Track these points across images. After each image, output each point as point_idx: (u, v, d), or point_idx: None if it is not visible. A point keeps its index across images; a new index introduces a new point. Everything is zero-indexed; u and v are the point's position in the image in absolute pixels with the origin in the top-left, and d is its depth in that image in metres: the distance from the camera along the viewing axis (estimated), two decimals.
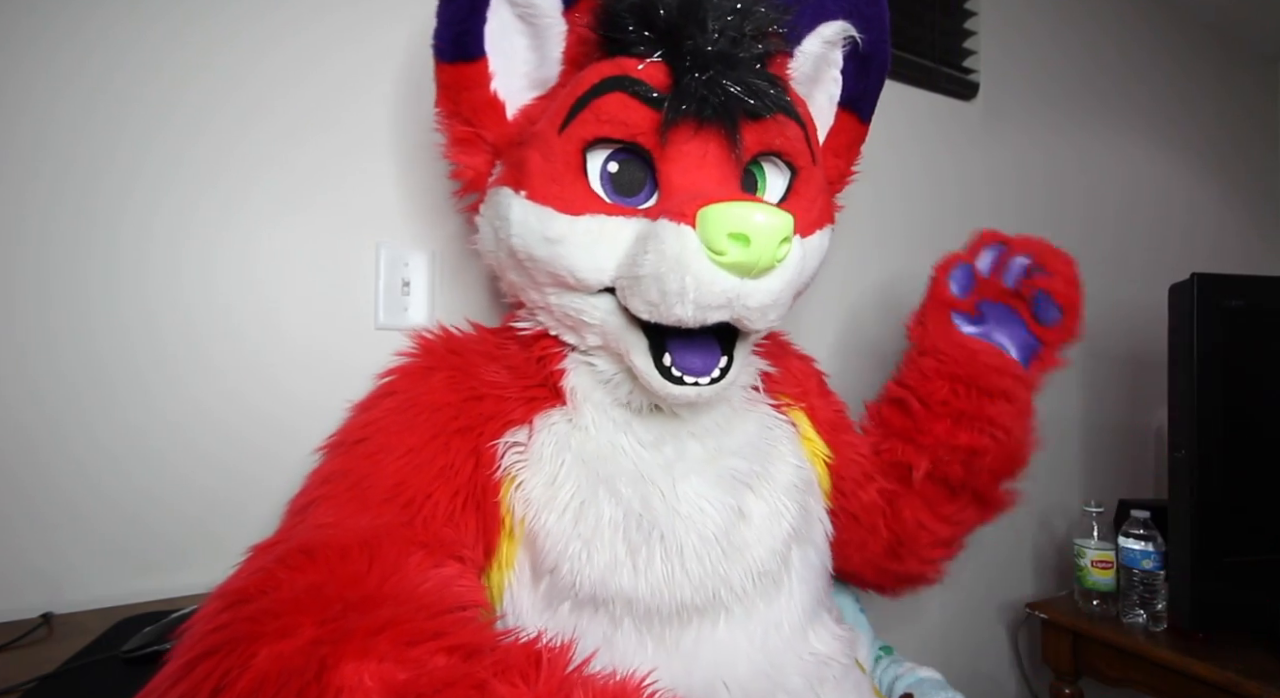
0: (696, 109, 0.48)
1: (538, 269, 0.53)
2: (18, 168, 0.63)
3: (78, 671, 0.50)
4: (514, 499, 0.52)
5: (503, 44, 0.54)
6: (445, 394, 0.55)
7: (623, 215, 0.50)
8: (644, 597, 0.49)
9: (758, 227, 0.43)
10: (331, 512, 0.48)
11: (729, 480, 0.54)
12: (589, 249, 0.50)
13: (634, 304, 0.49)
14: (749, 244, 0.43)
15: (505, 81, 0.56)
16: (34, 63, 0.63)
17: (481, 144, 0.57)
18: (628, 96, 0.49)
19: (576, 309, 0.53)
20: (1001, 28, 1.32)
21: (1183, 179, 1.68)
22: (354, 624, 0.33)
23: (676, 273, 0.45)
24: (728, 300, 0.46)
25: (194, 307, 0.69)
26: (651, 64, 0.49)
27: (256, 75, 0.72)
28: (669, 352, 0.51)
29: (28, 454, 0.63)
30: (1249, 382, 0.96)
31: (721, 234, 0.43)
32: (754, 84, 0.49)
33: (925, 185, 1.22)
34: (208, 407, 0.69)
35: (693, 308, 0.46)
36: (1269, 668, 0.87)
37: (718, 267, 0.44)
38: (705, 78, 0.48)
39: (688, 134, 0.50)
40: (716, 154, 0.50)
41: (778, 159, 0.56)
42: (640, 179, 0.52)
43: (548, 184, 0.51)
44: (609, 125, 0.49)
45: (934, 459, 0.67)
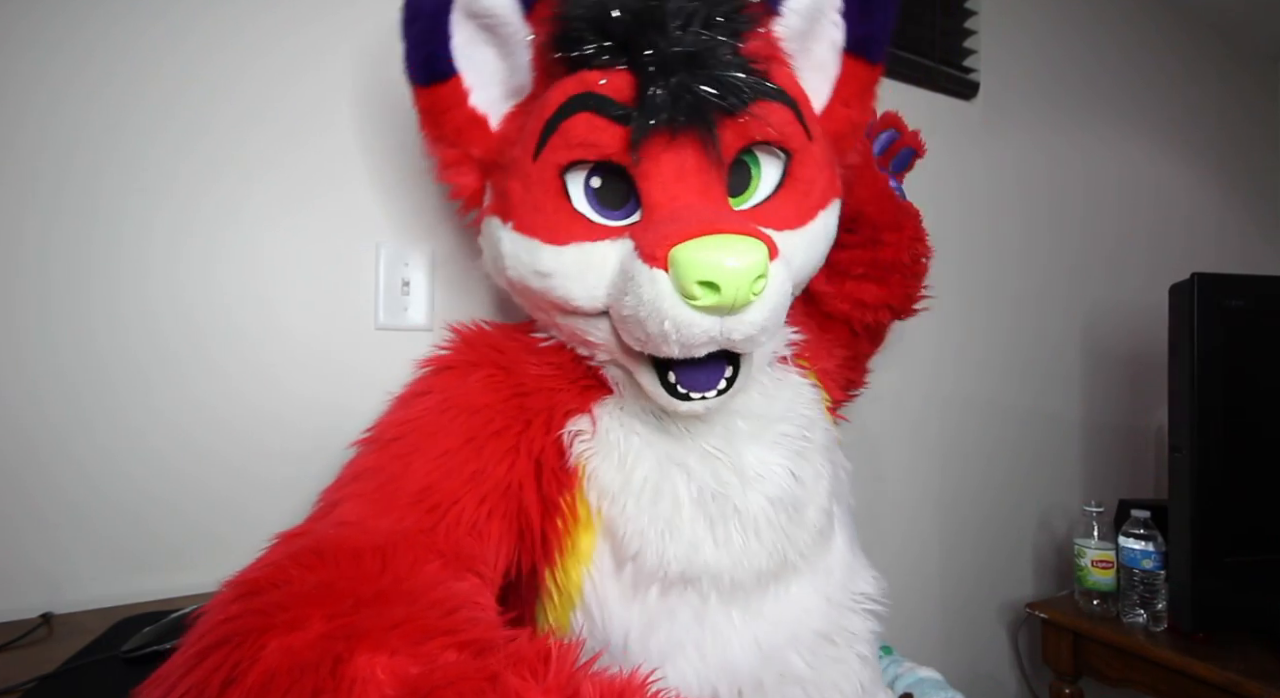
0: (666, 120, 0.46)
1: (534, 297, 0.54)
2: (18, 168, 0.63)
3: (78, 671, 0.50)
4: (588, 488, 0.53)
5: (472, 58, 0.53)
6: (484, 396, 0.56)
7: (607, 238, 0.49)
8: (727, 569, 0.51)
9: (727, 273, 0.42)
10: (356, 510, 0.49)
11: (784, 445, 0.57)
12: (579, 280, 0.50)
13: (626, 339, 0.50)
14: (720, 291, 0.42)
15: (482, 94, 0.54)
16: (34, 63, 0.63)
17: (470, 162, 0.56)
18: (594, 116, 0.47)
19: (581, 330, 0.54)
20: (1002, 27, 1.32)
21: (1183, 179, 1.68)
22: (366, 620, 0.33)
23: (655, 318, 0.45)
24: (710, 338, 0.46)
25: (194, 307, 0.69)
26: (615, 74, 0.47)
27: (256, 75, 0.72)
28: (672, 370, 0.51)
29: (28, 454, 0.63)
30: (1249, 382, 0.96)
31: (692, 282, 0.42)
32: (727, 79, 0.47)
33: (925, 185, 1.22)
34: (208, 407, 0.69)
35: (678, 347, 0.46)
36: (1269, 668, 0.87)
37: (694, 310, 0.44)
38: (671, 84, 0.45)
39: (661, 145, 0.47)
40: (695, 163, 0.48)
41: (770, 148, 0.53)
42: (625, 191, 0.50)
43: (531, 214, 0.50)
44: (580, 149, 0.48)
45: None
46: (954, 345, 1.25)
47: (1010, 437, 1.32)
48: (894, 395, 1.17)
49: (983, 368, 1.30)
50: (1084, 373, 1.45)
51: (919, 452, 1.20)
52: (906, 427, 1.18)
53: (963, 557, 1.26)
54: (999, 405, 1.31)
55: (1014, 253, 1.35)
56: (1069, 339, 1.44)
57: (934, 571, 1.22)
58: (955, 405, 1.26)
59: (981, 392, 1.29)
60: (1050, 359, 1.40)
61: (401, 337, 0.76)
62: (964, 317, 1.27)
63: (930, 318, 1.23)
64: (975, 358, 1.29)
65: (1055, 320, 1.42)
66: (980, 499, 1.28)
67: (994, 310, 1.31)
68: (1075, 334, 1.45)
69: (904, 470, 1.19)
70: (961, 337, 1.26)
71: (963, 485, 1.26)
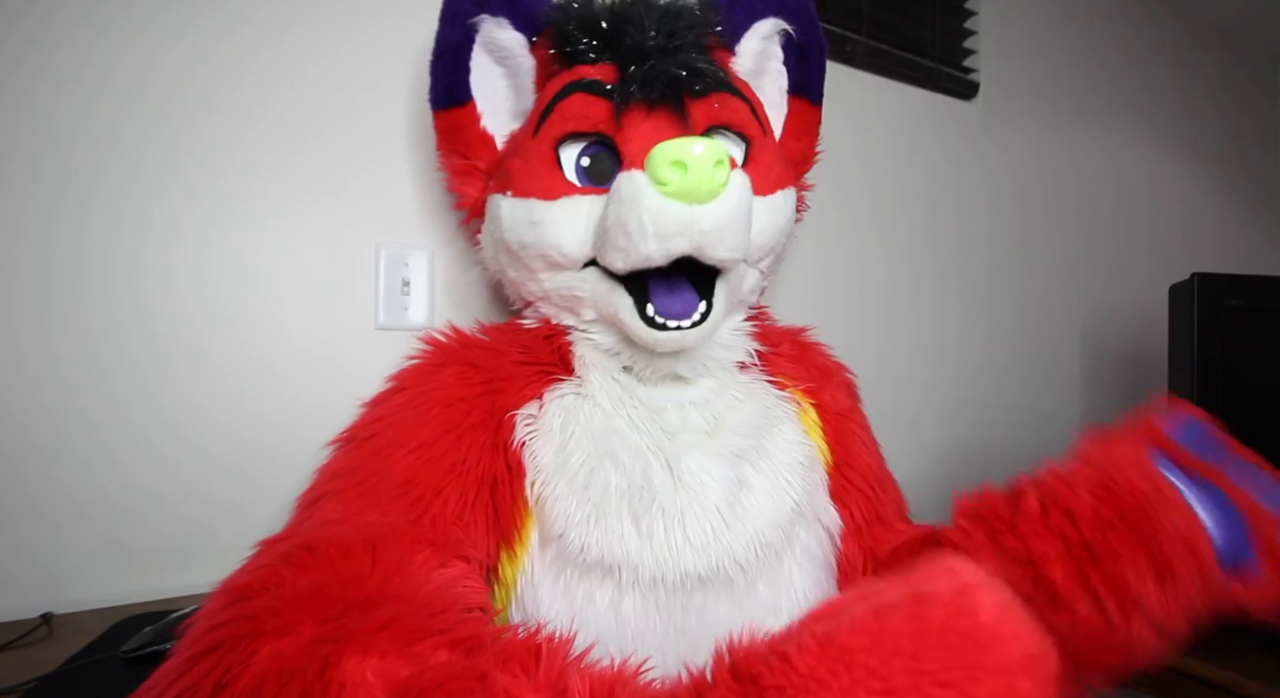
0: (643, 92, 0.54)
1: (529, 255, 0.58)
2: (18, 168, 0.63)
3: (78, 671, 0.50)
4: (529, 469, 0.54)
5: (486, 87, 0.63)
6: (458, 389, 0.56)
7: (594, 193, 0.56)
8: (649, 564, 0.50)
9: (693, 155, 0.47)
10: (339, 508, 0.48)
11: (729, 457, 0.55)
12: (567, 224, 0.56)
13: (609, 258, 0.54)
14: (686, 170, 0.47)
15: (492, 118, 0.64)
16: (33, 62, 0.63)
17: (478, 173, 0.65)
18: (585, 94, 0.56)
19: (569, 286, 0.58)
20: (1002, 27, 1.32)
21: (1183, 179, 1.68)
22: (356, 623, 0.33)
23: (634, 212, 0.50)
24: (682, 227, 0.49)
25: (194, 306, 0.69)
26: (602, 65, 0.57)
27: (256, 75, 0.72)
28: (651, 301, 0.55)
29: (28, 454, 0.63)
30: (1249, 382, 0.96)
31: (663, 165, 0.48)
32: (693, 65, 0.56)
33: (925, 185, 1.22)
34: (208, 406, 0.69)
35: (654, 241, 0.50)
36: (1270, 668, 0.87)
37: (666, 197, 0.49)
38: (648, 66, 0.54)
39: (641, 116, 0.55)
40: (668, 130, 0.55)
41: (729, 131, 0.60)
42: (611, 168, 0.57)
43: (529, 180, 0.57)
44: (573, 121, 0.56)
45: (999, 567, 0.49)
46: (954, 344, 1.25)
47: (1010, 437, 1.32)
48: (894, 395, 1.17)
49: (983, 368, 1.30)
50: (1084, 373, 1.45)
51: (919, 451, 1.20)
52: (906, 426, 1.18)
53: None
54: (999, 405, 1.31)
55: (1014, 252, 1.35)
56: (1069, 339, 1.44)
57: None
58: (955, 405, 1.26)
59: (981, 392, 1.29)
60: (1050, 359, 1.40)
61: (401, 337, 0.76)
62: (964, 316, 1.27)
63: (930, 317, 1.24)
64: (975, 357, 1.29)
65: (1055, 320, 1.42)
66: None
67: (994, 310, 1.31)
68: (1075, 334, 1.45)
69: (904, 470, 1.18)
70: (961, 336, 1.26)
71: (963, 485, 1.26)
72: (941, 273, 1.25)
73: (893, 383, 1.16)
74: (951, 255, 1.26)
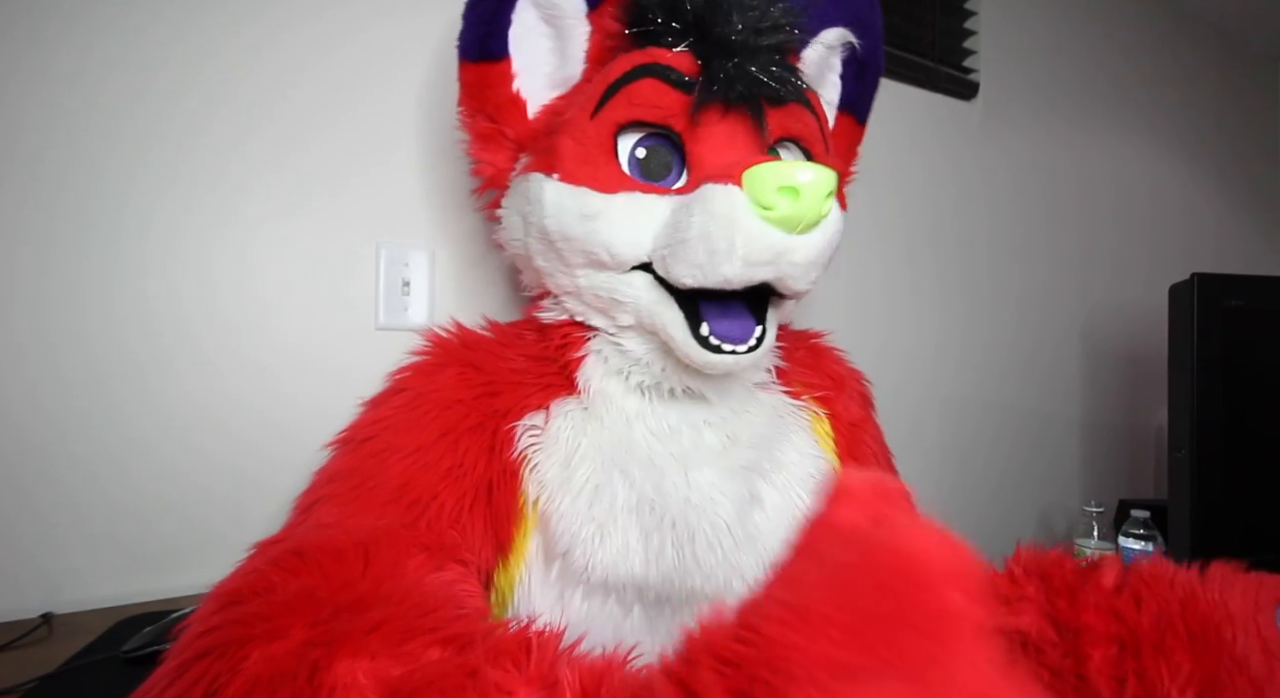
0: (724, 92, 0.50)
1: (571, 249, 0.54)
2: (18, 169, 0.63)
3: (78, 671, 0.50)
4: (529, 482, 0.52)
5: (526, 45, 0.57)
6: (457, 391, 0.55)
7: (655, 194, 0.52)
8: (655, 584, 0.49)
9: (806, 181, 0.45)
10: (334, 511, 0.48)
11: (741, 472, 0.54)
12: (626, 224, 0.51)
13: (678, 270, 0.50)
14: (799, 197, 0.45)
15: (527, 81, 0.58)
16: (33, 62, 0.63)
17: (504, 140, 0.59)
18: (659, 82, 0.51)
19: (609, 288, 0.54)
20: (1001, 28, 1.32)
21: (1183, 179, 1.68)
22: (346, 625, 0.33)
23: (726, 230, 0.46)
24: (774, 256, 0.47)
25: (193, 307, 0.69)
26: (680, 52, 0.51)
27: (256, 75, 0.72)
28: (706, 321, 0.52)
29: (28, 454, 0.63)
30: (1249, 382, 0.96)
31: (771, 189, 0.45)
32: (776, 72, 0.52)
33: (925, 185, 1.22)
34: (208, 407, 0.69)
35: (741, 265, 0.47)
36: None
37: (766, 222, 0.46)
38: (731, 64, 0.50)
39: (716, 116, 0.52)
40: (744, 135, 0.52)
41: (795, 145, 0.57)
42: (668, 163, 0.54)
43: (581, 166, 0.52)
44: (642, 108, 0.52)
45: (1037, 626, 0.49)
46: (954, 345, 1.25)
47: (1010, 437, 1.32)
48: (894, 395, 1.17)
49: (983, 368, 1.30)
50: (1084, 373, 1.45)
51: (919, 451, 1.20)
52: (906, 427, 1.18)
53: None
54: (999, 405, 1.31)
55: (1014, 253, 1.35)
56: (1069, 339, 1.44)
57: None
58: (955, 405, 1.26)
59: (981, 392, 1.29)
60: (1050, 359, 1.40)
61: (401, 337, 0.76)
62: (964, 316, 1.27)
63: (930, 317, 1.24)
64: (975, 357, 1.29)
65: (1055, 320, 1.42)
66: (980, 499, 1.28)
67: (994, 310, 1.31)
68: (1075, 334, 1.45)
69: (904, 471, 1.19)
70: (961, 336, 1.26)
71: (962, 485, 1.26)
72: (941, 273, 1.25)
73: (893, 383, 1.16)
74: (951, 256, 1.26)
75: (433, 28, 0.80)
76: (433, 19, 0.80)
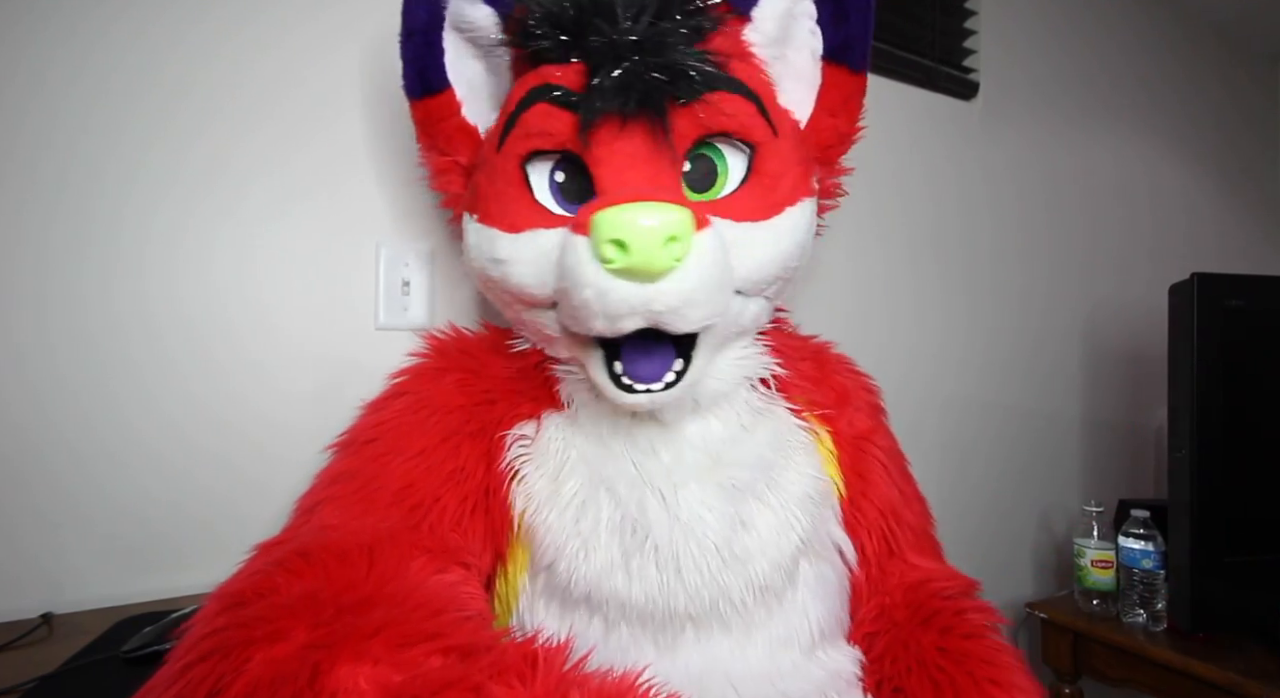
0: (615, 104, 0.45)
1: (495, 289, 0.53)
2: (18, 169, 0.63)
3: (78, 671, 0.50)
4: (515, 493, 0.52)
5: (463, 72, 0.56)
6: (458, 397, 0.55)
7: (561, 227, 0.48)
8: (638, 602, 0.48)
9: (636, 231, 0.40)
10: (337, 513, 0.48)
11: (729, 490, 0.52)
12: (532, 265, 0.49)
13: (566, 322, 0.48)
14: (627, 250, 0.40)
15: (472, 107, 0.57)
16: (33, 63, 0.63)
17: (458, 169, 0.58)
18: (549, 105, 0.48)
19: (541, 324, 0.52)
20: (1001, 27, 1.32)
21: (1183, 178, 1.68)
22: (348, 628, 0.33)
23: (577, 287, 0.43)
24: (631, 309, 0.43)
25: (193, 306, 0.69)
26: (570, 67, 0.47)
27: (256, 75, 0.72)
28: (621, 359, 0.49)
29: (28, 454, 0.63)
30: (1249, 382, 0.96)
31: (603, 241, 0.41)
32: (678, 66, 0.45)
33: (925, 185, 1.22)
34: (208, 407, 0.69)
35: (602, 319, 0.44)
36: (1269, 668, 0.87)
37: (611, 275, 0.42)
38: (621, 70, 0.45)
39: (613, 132, 0.47)
40: (646, 150, 0.47)
41: (728, 139, 0.51)
42: (586, 186, 0.49)
43: (492, 204, 0.51)
44: (537, 137, 0.49)
45: None
46: (954, 345, 1.25)
47: (1010, 436, 1.32)
48: (894, 395, 1.17)
49: (983, 367, 1.30)
50: (1084, 373, 1.45)
51: (919, 451, 1.20)
52: (906, 426, 1.18)
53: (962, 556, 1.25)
54: (999, 405, 1.31)
55: (1014, 252, 1.35)
56: (1069, 339, 1.44)
57: None
58: (955, 405, 1.26)
59: (981, 391, 1.29)
60: (1050, 359, 1.40)
61: (401, 337, 0.76)
62: (964, 316, 1.27)
63: (930, 317, 1.24)
64: (975, 357, 1.29)
65: (1055, 320, 1.42)
66: (980, 499, 1.28)
67: (994, 310, 1.31)
68: (1075, 334, 1.45)
69: None
70: (961, 336, 1.26)
71: (962, 485, 1.26)
72: (941, 273, 1.25)
73: (893, 383, 1.15)
74: (951, 255, 1.26)
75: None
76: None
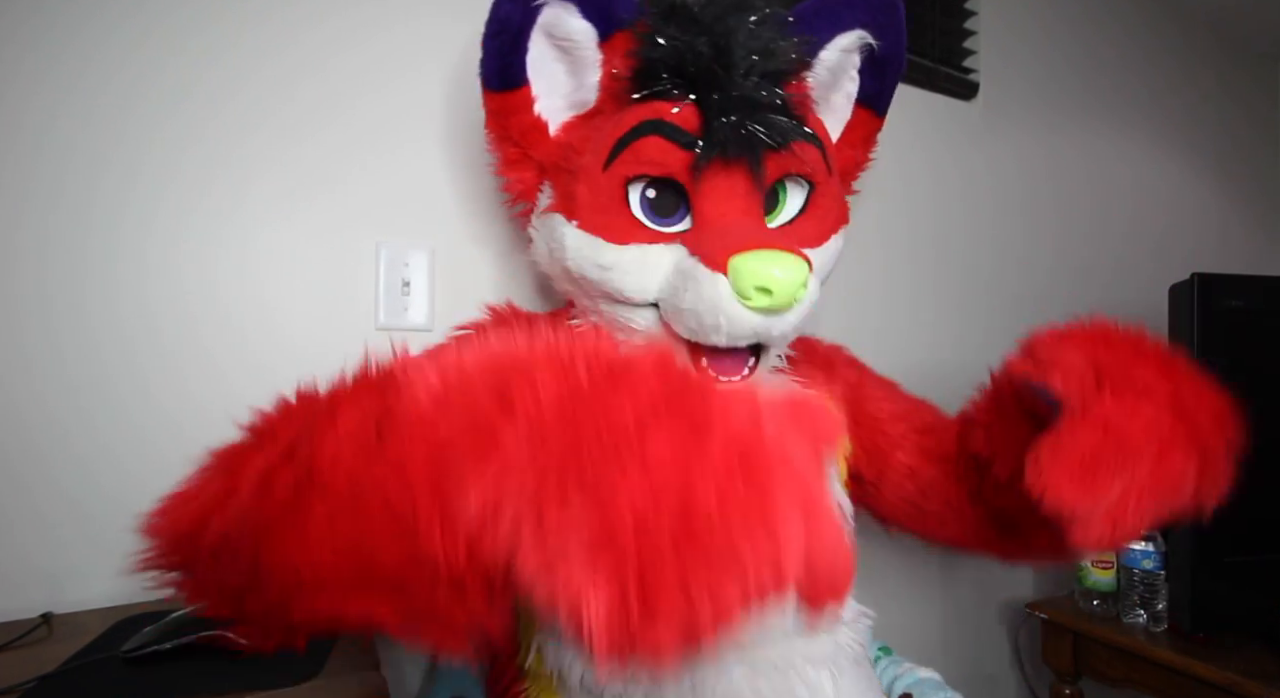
0: (724, 150, 0.55)
1: (589, 287, 0.60)
2: (18, 168, 0.63)
3: (78, 671, 0.50)
4: None
5: (543, 71, 0.60)
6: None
7: (662, 242, 0.57)
8: None
9: (779, 281, 0.50)
10: None
11: None
12: (635, 275, 0.57)
13: (676, 328, 0.57)
14: (772, 295, 0.51)
15: (547, 103, 0.61)
16: (36, 64, 0.63)
17: (529, 162, 0.63)
18: (663, 140, 0.55)
19: (625, 318, 0.60)
20: (1001, 27, 1.32)
21: (1183, 179, 1.68)
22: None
23: (712, 313, 0.53)
24: (753, 332, 0.54)
25: (194, 306, 0.69)
26: (684, 108, 0.55)
27: (257, 76, 0.72)
28: (705, 356, 0.58)
29: (28, 454, 0.63)
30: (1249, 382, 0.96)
31: (750, 286, 0.51)
32: (775, 122, 0.55)
33: (925, 185, 1.22)
34: (208, 407, 0.69)
35: (725, 338, 0.54)
36: (1270, 668, 0.87)
37: (745, 308, 0.52)
38: (731, 121, 0.54)
39: (716, 169, 0.56)
40: (743, 187, 0.57)
41: (798, 179, 0.62)
42: (675, 203, 0.58)
43: (595, 215, 0.57)
44: (647, 165, 0.56)
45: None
46: (954, 345, 1.25)
47: None
48: None
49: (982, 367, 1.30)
50: None
51: None
52: None
53: (962, 557, 1.26)
54: None
55: (1014, 253, 1.35)
56: None
57: (934, 570, 1.22)
58: (955, 405, 1.25)
59: None
60: None
61: (401, 337, 0.76)
62: (964, 316, 1.27)
63: (930, 317, 1.24)
64: (975, 358, 1.28)
65: (1054, 320, 1.41)
66: None
67: (994, 310, 1.31)
68: None
69: None
70: (961, 336, 1.26)
71: None
72: (941, 273, 1.25)
73: None
74: (951, 256, 1.26)
75: (433, 31, 0.80)
76: (433, 23, 0.80)
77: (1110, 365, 0.49)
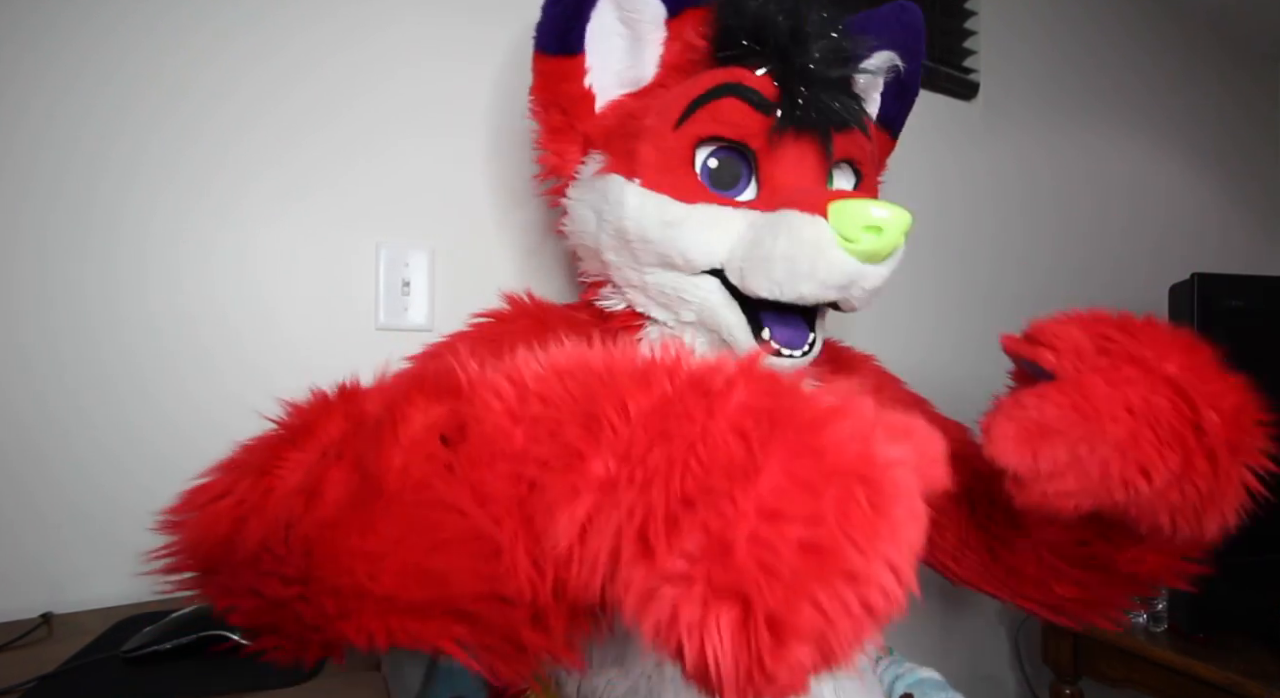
0: (800, 119, 0.55)
1: (647, 250, 0.57)
2: (18, 167, 0.63)
3: (78, 671, 0.50)
4: None
5: (602, 42, 0.59)
6: (525, 338, 0.57)
7: (731, 207, 0.56)
8: None
9: (889, 221, 0.50)
10: None
11: None
12: (703, 234, 0.55)
13: (754, 282, 0.54)
14: (881, 234, 0.50)
15: (599, 76, 0.60)
16: (35, 64, 0.63)
17: (573, 134, 0.61)
18: (741, 102, 0.55)
19: (677, 288, 0.58)
20: (1001, 27, 1.32)
21: (1184, 178, 1.68)
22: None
23: (810, 256, 0.51)
24: (848, 281, 0.52)
25: (193, 306, 0.69)
26: (762, 76, 0.55)
27: (256, 75, 0.72)
28: (767, 327, 0.56)
29: (28, 454, 0.63)
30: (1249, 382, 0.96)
31: (857, 226, 0.49)
32: (845, 101, 0.57)
33: (925, 185, 1.22)
34: (207, 407, 0.69)
35: (818, 286, 0.52)
36: (1270, 669, 0.87)
37: (847, 253, 0.51)
38: (810, 92, 0.55)
39: (790, 138, 0.56)
40: (811, 159, 0.57)
41: (849, 165, 0.62)
42: (737, 174, 0.57)
43: (661, 174, 0.56)
44: (724, 125, 0.55)
45: None
46: (953, 345, 1.25)
47: None
48: None
49: (982, 368, 1.30)
50: None
51: None
52: None
53: None
54: None
55: (1014, 253, 1.35)
56: None
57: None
58: (954, 405, 1.25)
59: (981, 391, 1.29)
60: None
61: (401, 337, 0.76)
62: (964, 317, 1.27)
63: (930, 318, 1.24)
64: (975, 358, 1.28)
65: None
66: None
67: (993, 310, 1.31)
68: None
69: None
70: (961, 337, 1.26)
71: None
72: (941, 273, 1.25)
73: None
74: (951, 256, 1.26)
75: (433, 29, 0.80)
76: (433, 21, 0.80)
77: (1119, 344, 0.47)
